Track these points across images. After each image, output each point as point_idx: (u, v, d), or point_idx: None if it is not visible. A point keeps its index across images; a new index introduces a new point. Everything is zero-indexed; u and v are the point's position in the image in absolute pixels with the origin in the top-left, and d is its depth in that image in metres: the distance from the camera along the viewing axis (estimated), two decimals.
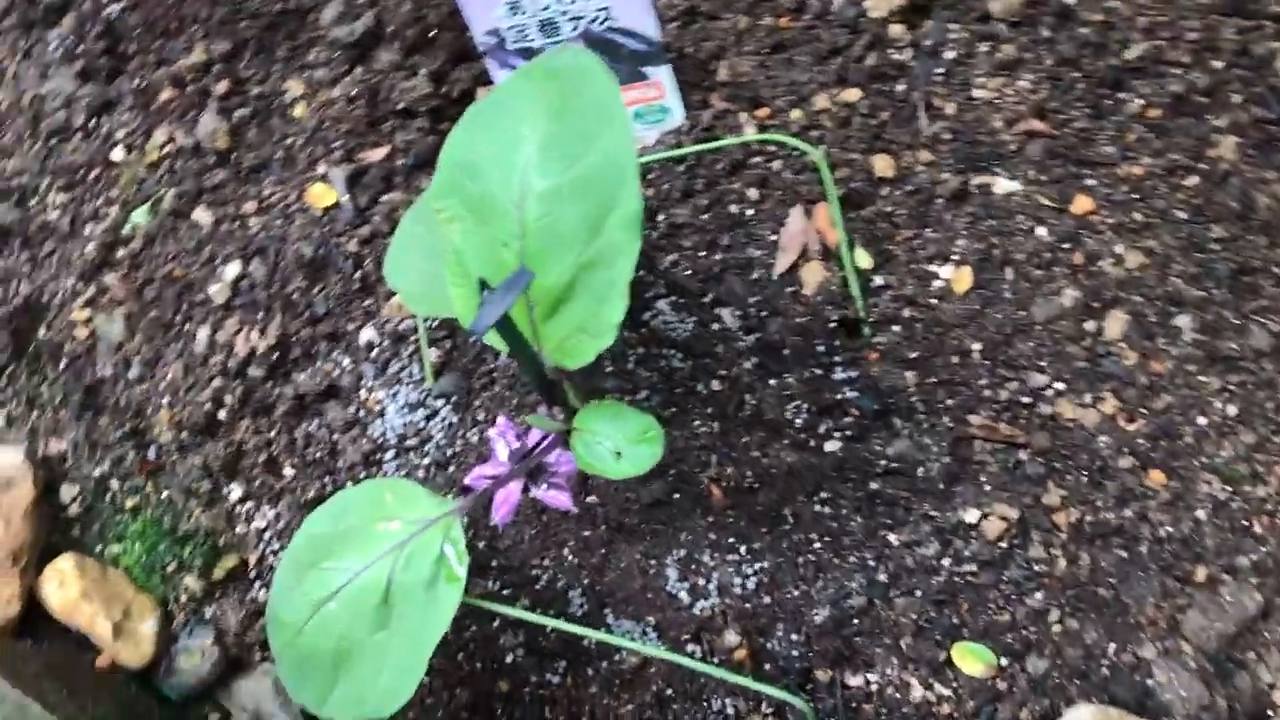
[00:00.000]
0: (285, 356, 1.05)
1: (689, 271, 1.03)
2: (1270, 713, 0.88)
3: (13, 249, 1.11)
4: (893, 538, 0.95)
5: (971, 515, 0.95)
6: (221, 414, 1.04)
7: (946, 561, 0.94)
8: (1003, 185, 1.02)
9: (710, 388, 1.01)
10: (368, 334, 1.05)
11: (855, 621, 0.94)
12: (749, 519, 0.97)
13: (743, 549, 0.97)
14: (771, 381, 1.00)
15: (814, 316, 1.00)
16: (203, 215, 1.10)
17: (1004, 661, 0.91)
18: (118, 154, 1.13)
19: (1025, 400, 0.97)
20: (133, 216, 1.09)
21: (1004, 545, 0.94)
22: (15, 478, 0.97)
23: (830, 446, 0.98)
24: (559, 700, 0.96)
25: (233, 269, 1.07)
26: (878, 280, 1.01)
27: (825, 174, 0.97)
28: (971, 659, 0.92)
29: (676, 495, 0.99)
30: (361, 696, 0.81)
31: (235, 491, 1.03)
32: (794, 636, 0.94)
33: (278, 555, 1.01)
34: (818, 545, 0.96)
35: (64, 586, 0.94)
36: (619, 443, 0.81)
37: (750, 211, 1.04)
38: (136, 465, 1.03)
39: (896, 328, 1.00)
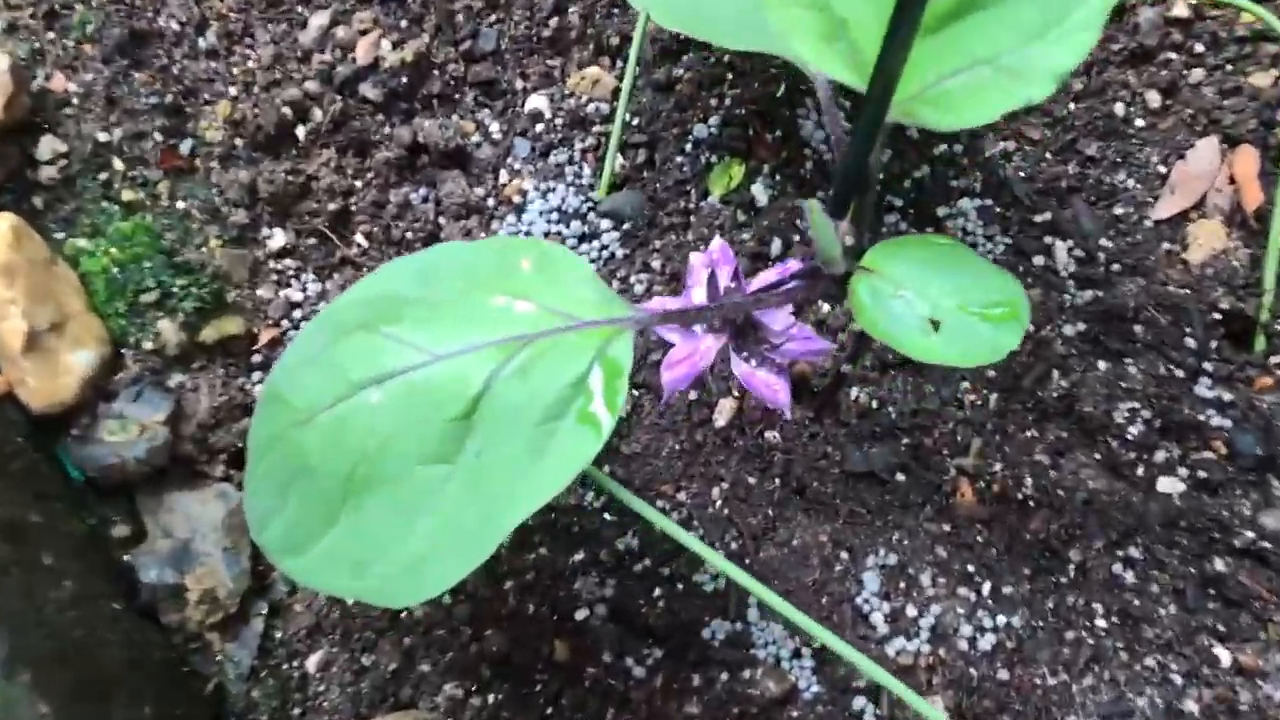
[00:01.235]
0: (416, 88, 0.72)
1: (1023, 174, 0.69)
2: None
3: None
4: (1223, 653, 0.59)
5: None
6: (300, 131, 0.70)
7: None
8: None
9: None
10: (537, 101, 0.71)
11: None
12: (1008, 546, 0.62)
13: (987, 587, 0.61)
14: (1100, 364, 0.64)
15: (1193, 294, 0.65)
16: None
17: None
18: None
19: None
20: None
21: None
22: None
23: (1166, 485, 0.62)
24: (635, 704, 0.60)
25: None
26: None
27: None
28: None
29: (902, 475, 0.63)
30: (365, 559, 0.46)
31: (277, 239, 0.69)
32: None
33: None
34: (1102, 622, 0.60)
35: None
36: (942, 305, 0.46)
37: (1140, 122, 0.69)
38: (158, 153, 0.70)
39: None
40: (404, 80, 0.72)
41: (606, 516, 0.64)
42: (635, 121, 0.72)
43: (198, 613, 0.59)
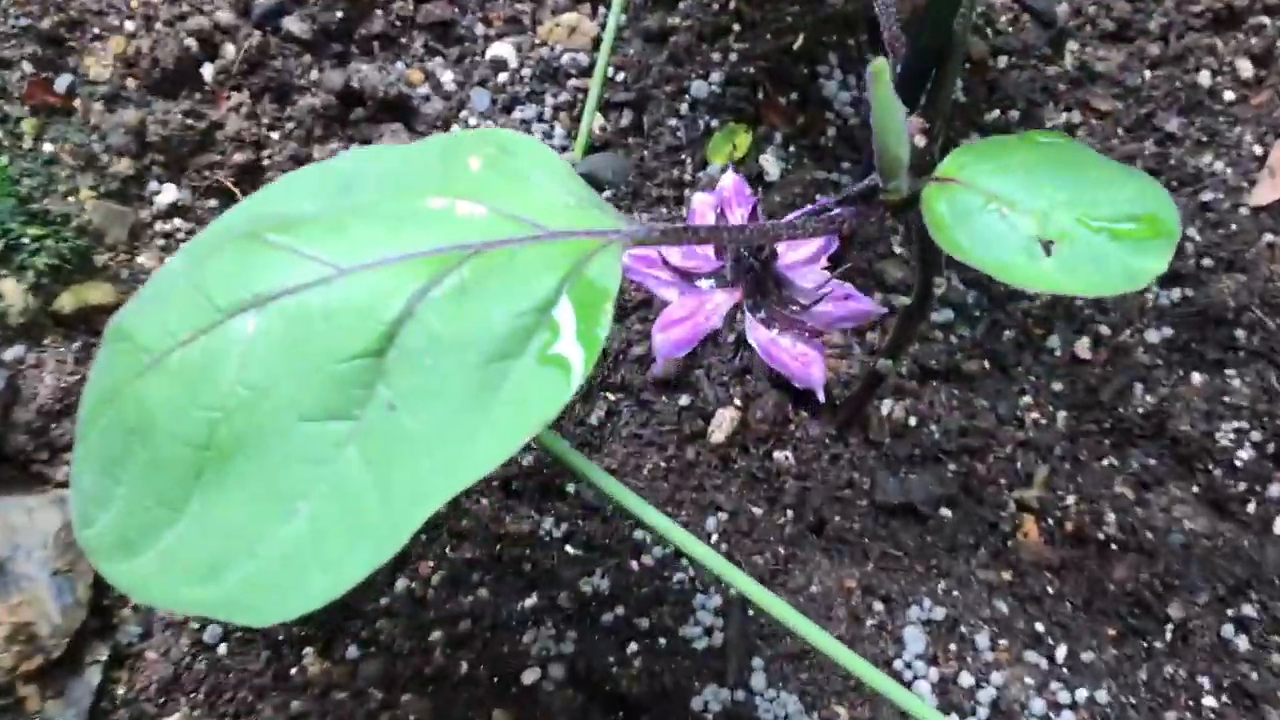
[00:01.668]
0: (353, 27, 0.59)
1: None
2: None
3: None
4: None
5: None
6: (207, 70, 0.57)
7: None
8: None
9: (1070, 347, 0.53)
10: (501, 49, 0.59)
11: None
12: (1086, 600, 0.48)
13: (1061, 651, 0.47)
14: (1194, 375, 0.51)
15: None
16: None
17: None
18: None
19: None
20: None
21: None
22: None
23: None
24: None
25: None
26: None
27: None
28: None
29: (948, 510, 0.49)
30: (222, 557, 0.31)
31: (168, 194, 0.55)
32: None
33: None
34: (1211, 701, 0.46)
35: None
36: (1055, 220, 0.33)
37: (1229, 95, 0.58)
38: (26, 85, 0.56)
39: None
40: (339, 16, 0.59)
41: (569, 550, 0.49)
42: (620, 77, 0.59)
43: (7, 656, 0.43)
